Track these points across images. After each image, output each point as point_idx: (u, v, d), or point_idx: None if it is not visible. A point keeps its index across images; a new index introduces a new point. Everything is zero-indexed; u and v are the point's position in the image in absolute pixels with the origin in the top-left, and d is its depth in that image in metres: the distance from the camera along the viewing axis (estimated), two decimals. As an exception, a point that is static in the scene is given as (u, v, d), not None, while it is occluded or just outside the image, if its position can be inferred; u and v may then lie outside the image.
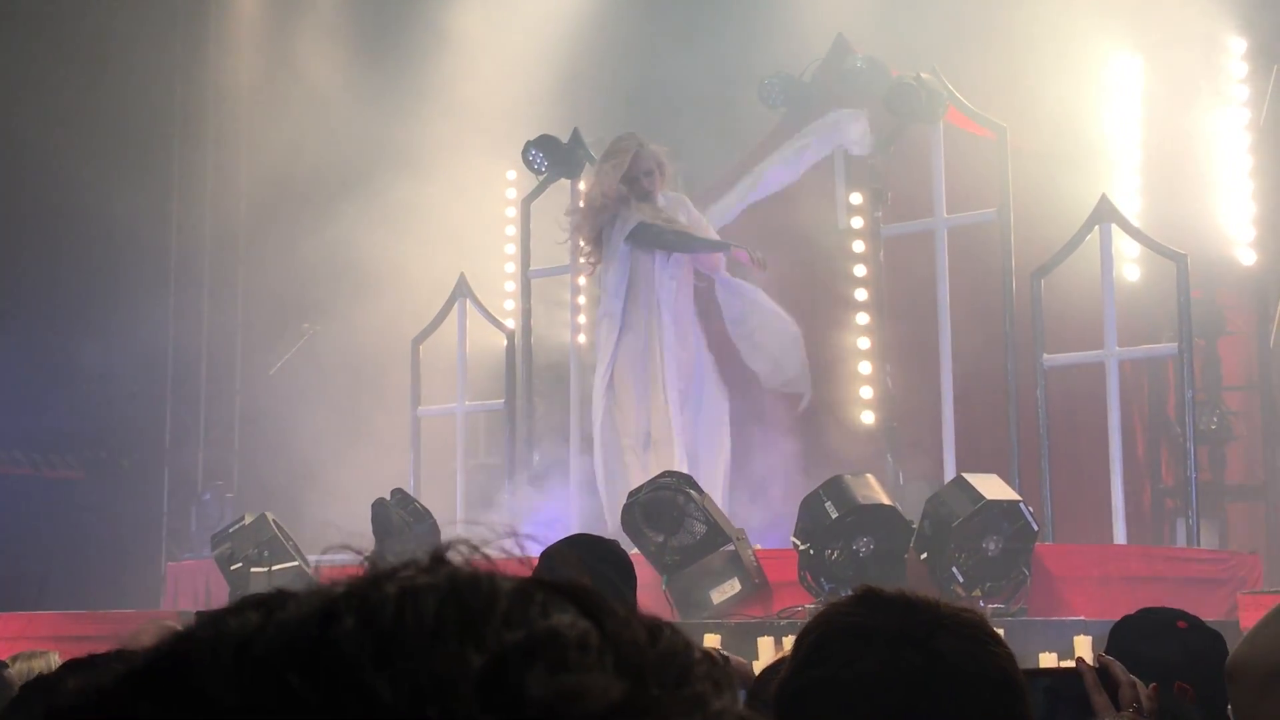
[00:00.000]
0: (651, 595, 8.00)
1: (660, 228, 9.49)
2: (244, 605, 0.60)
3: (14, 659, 4.70)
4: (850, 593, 1.70)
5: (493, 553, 0.66)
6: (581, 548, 3.57)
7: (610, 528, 8.48)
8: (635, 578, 3.54)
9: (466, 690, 0.55)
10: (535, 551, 9.74)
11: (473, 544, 0.65)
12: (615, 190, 9.58)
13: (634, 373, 9.55)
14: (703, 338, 9.77)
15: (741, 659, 3.33)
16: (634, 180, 9.55)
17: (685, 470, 8.86)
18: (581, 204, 10.14)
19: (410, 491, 9.88)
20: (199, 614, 0.62)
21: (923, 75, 9.41)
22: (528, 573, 0.66)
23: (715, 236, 9.72)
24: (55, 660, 4.52)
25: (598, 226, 9.80)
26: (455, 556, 0.64)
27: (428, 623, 0.57)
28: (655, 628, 0.62)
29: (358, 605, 0.57)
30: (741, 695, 2.29)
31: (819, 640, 1.62)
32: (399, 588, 0.58)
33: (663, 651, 0.60)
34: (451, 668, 0.55)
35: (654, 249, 9.52)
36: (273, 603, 0.59)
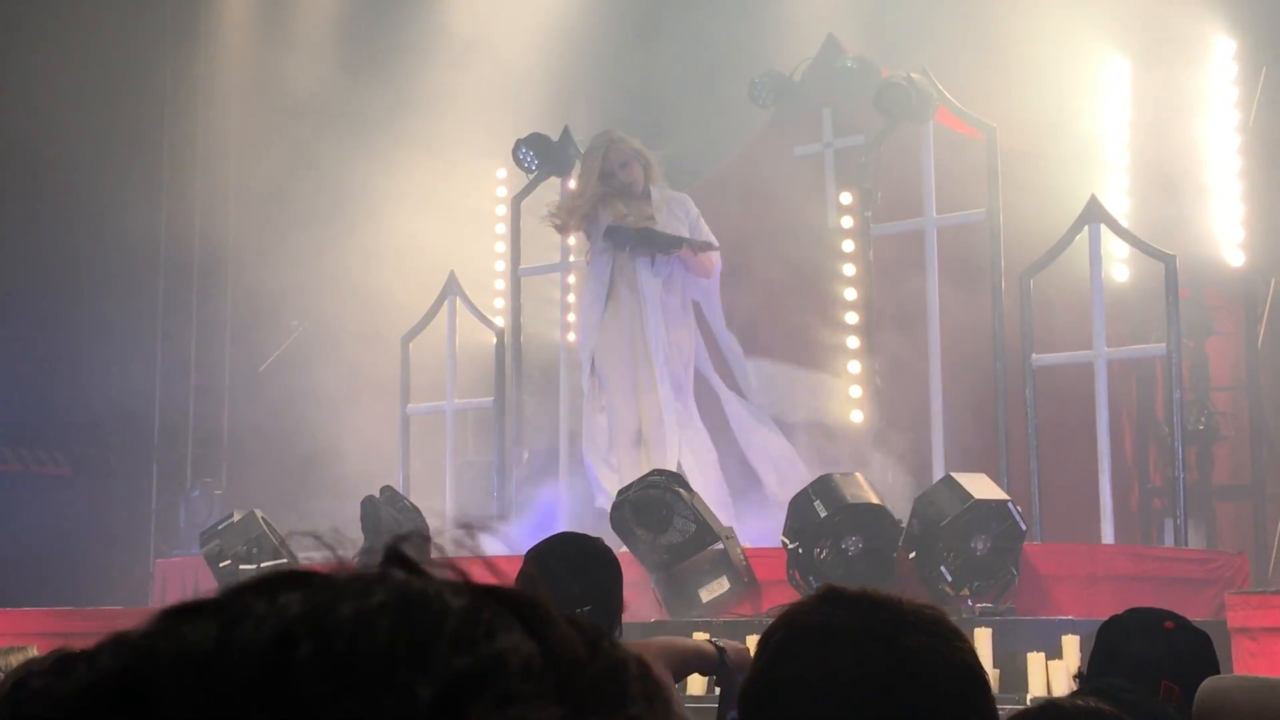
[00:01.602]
0: (640, 594, 8.00)
1: (624, 229, 9.45)
2: (199, 611, 0.61)
3: None
4: (812, 593, 1.71)
5: (445, 546, 0.68)
6: (567, 547, 3.57)
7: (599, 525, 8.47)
8: (621, 575, 3.54)
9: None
10: (490, 542, 9.81)
11: (425, 537, 0.68)
12: (593, 189, 9.57)
13: (619, 371, 9.55)
14: (699, 339, 9.76)
15: (742, 646, 3.34)
16: (610, 176, 9.53)
17: (677, 469, 8.87)
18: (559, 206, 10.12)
19: (400, 489, 9.88)
20: (161, 612, 0.62)
21: (913, 75, 9.42)
22: (479, 566, 0.68)
23: (711, 238, 9.65)
24: (34, 655, 4.50)
25: (580, 227, 9.80)
26: (411, 551, 0.66)
27: (380, 649, 0.58)
28: (594, 642, 0.63)
29: (314, 629, 0.58)
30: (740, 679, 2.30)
31: (784, 640, 1.62)
32: (355, 609, 0.60)
33: (602, 668, 0.62)
34: (399, 701, 0.57)
35: (624, 249, 9.51)
36: (229, 613, 0.60)
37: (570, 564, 3.46)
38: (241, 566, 9.16)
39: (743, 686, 1.67)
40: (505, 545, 9.48)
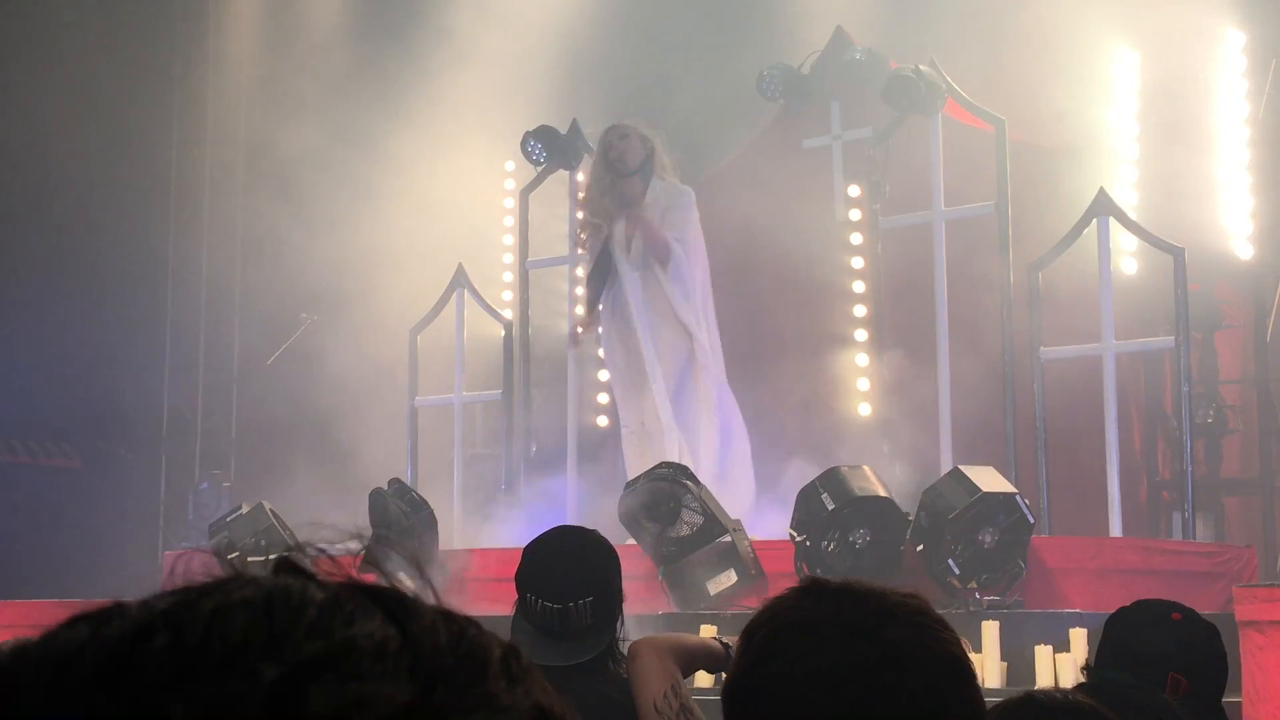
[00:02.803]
0: (648, 586, 8.00)
1: None
2: (80, 619, 0.64)
3: None
4: (795, 586, 1.70)
5: (338, 554, 0.71)
6: (566, 540, 3.57)
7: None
8: (620, 567, 3.54)
9: (254, 705, 0.58)
10: (498, 535, 9.63)
11: (318, 549, 0.70)
12: (597, 176, 9.52)
13: (619, 367, 9.55)
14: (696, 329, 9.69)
15: None
16: (610, 163, 9.48)
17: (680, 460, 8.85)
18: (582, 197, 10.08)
19: (408, 481, 9.89)
20: (74, 617, 0.65)
21: (921, 68, 9.40)
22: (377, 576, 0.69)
23: (690, 233, 9.41)
24: None
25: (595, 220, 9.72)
26: (302, 561, 0.69)
27: (234, 640, 0.60)
28: (461, 630, 0.65)
29: (172, 623, 0.61)
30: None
31: (769, 636, 1.61)
32: (215, 605, 0.62)
33: (463, 653, 0.63)
34: (243, 684, 0.58)
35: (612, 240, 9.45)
36: (105, 616, 0.63)
37: (569, 557, 3.47)
38: (250, 558, 9.18)
39: (727, 683, 1.66)
40: (513, 538, 9.51)
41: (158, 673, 0.59)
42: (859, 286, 10.08)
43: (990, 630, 7.05)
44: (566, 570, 3.43)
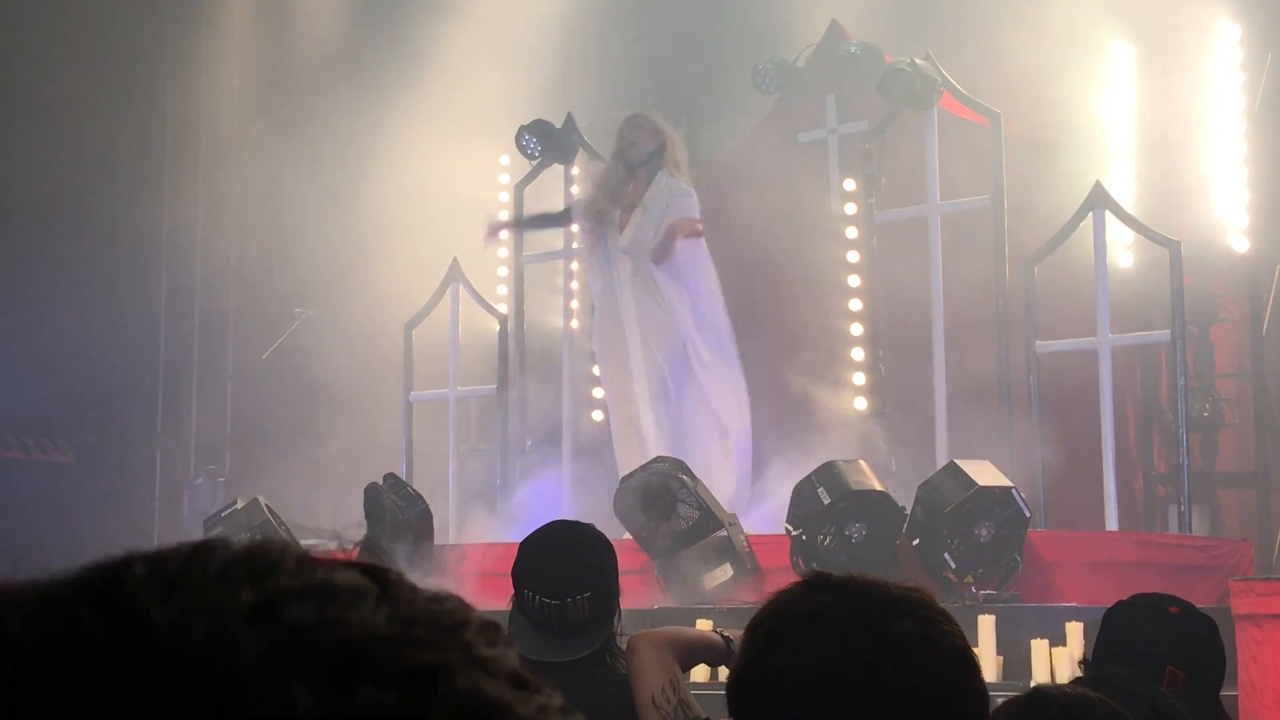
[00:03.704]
0: (643, 580, 8.00)
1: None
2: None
3: None
4: (799, 580, 1.70)
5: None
6: (562, 534, 3.55)
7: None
8: (616, 561, 3.53)
9: (234, 613, 0.60)
10: (494, 531, 9.61)
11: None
12: (610, 167, 9.50)
13: (609, 362, 9.54)
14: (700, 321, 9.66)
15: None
16: (620, 151, 9.45)
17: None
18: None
19: (403, 476, 9.88)
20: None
21: (917, 61, 9.39)
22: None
23: (685, 236, 9.37)
24: None
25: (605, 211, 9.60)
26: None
27: (213, 571, 0.62)
28: (439, 597, 0.66)
29: (151, 558, 0.64)
30: None
31: (772, 629, 1.61)
32: (196, 546, 0.64)
33: (442, 611, 0.64)
34: (224, 597, 0.61)
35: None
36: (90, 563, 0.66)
37: (566, 551, 3.45)
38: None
39: (730, 677, 1.66)
40: (508, 533, 9.50)
41: (139, 587, 0.61)
42: (854, 280, 10.07)
43: (986, 624, 7.04)
44: (563, 565, 3.41)
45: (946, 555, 7.61)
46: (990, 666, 6.99)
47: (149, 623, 0.60)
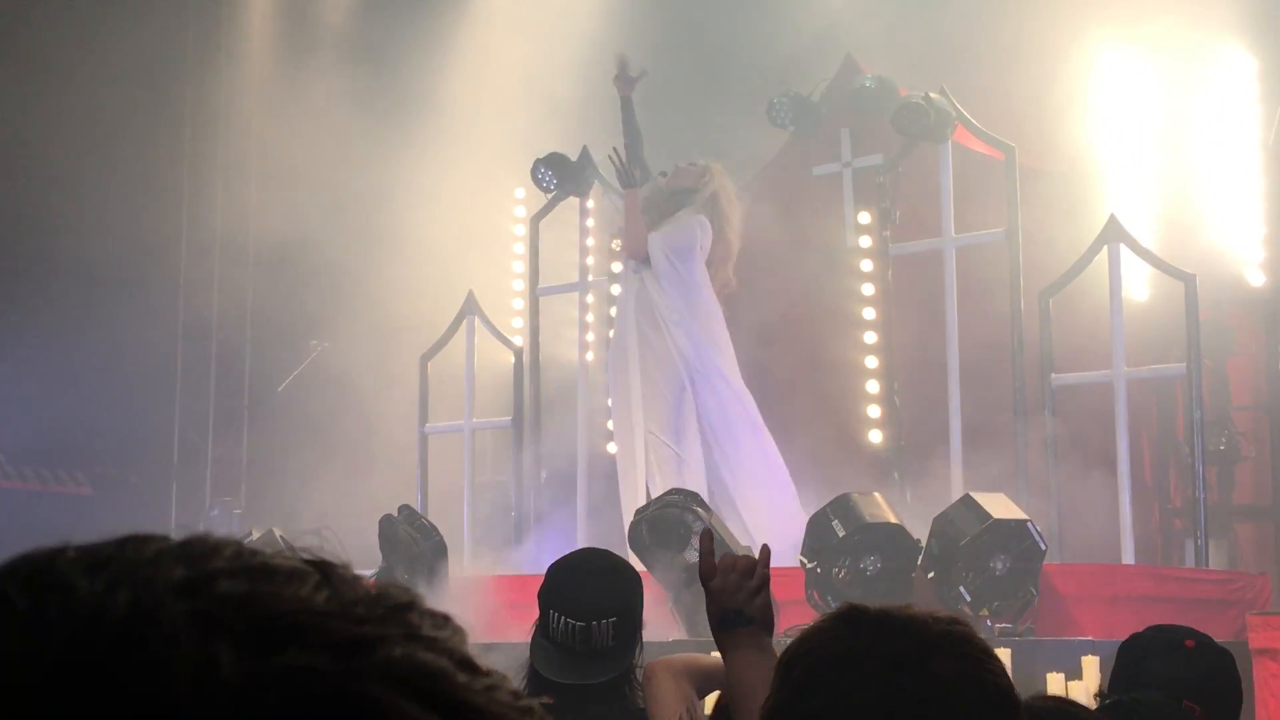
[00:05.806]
0: (659, 613, 7.98)
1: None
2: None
3: None
4: (831, 613, 1.63)
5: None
6: (593, 559, 3.56)
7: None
8: (642, 591, 3.53)
9: (162, 586, 0.60)
10: (509, 562, 9.54)
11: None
12: (652, 194, 9.55)
13: (615, 388, 9.56)
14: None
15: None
16: (664, 183, 9.55)
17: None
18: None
19: (418, 508, 9.88)
20: None
21: (931, 95, 9.41)
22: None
23: (689, 253, 9.42)
24: None
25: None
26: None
27: (146, 554, 0.62)
28: (385, 587, 0.65)
29: (86, 545, 0.64)
30: None
31: (808, 669, 1.56)
32: (130, 536, 0.65)
33: (385, 594, 0.64)
34: (154, 574, 0.61)
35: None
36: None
37: (595, 576, 3.45)
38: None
39: (765, 716, 1.63)
40: (523, 565, 9.50)
41: (67, 565, 0.62)
42: (869, 313, 10.07)
43: (1002, 657, 6.97)
44: (592, 589, 3.40)
45: (962, 588, 7.59)
46: (1006, 700, 6.95)
47: (73, 592, 0.60)
